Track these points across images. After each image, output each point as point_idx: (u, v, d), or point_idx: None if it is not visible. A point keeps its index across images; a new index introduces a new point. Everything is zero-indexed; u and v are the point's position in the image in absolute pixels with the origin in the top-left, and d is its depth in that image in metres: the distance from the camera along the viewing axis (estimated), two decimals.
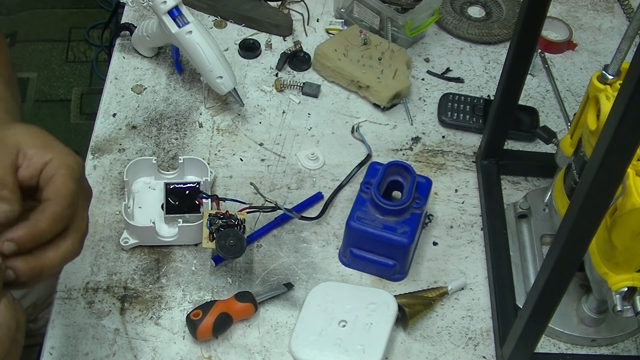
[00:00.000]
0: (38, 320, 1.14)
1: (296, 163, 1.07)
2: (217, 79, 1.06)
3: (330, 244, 0.99)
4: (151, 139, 1.09)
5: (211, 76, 1.06)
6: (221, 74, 1.06)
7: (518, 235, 0.99)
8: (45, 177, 0.61)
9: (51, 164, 0.61)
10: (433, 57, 1.24)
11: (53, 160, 0.61)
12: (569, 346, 0.92)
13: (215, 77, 1.06)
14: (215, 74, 1.06)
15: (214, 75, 1.06)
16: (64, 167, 0.61)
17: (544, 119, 1.16)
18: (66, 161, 0.62)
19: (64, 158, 0.62)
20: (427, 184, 0.97)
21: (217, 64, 1.05)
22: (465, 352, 0.90)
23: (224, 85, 1.07)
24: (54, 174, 0.61)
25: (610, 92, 0.80)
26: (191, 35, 1.04)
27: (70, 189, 0.61)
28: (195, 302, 0.92)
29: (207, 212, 0.92)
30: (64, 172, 0.61)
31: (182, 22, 1.05)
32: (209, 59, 1.05)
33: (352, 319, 0.89)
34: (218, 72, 1.06)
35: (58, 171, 0.61)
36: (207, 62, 1.05)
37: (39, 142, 0.62)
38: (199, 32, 1.04)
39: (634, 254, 0.77)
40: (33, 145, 0.62)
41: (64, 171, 0.61)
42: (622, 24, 1.34)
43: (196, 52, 1.05)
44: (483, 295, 0.95)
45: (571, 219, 0.66)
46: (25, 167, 0.61)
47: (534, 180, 1.08)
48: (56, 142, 0.63)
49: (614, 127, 0.57)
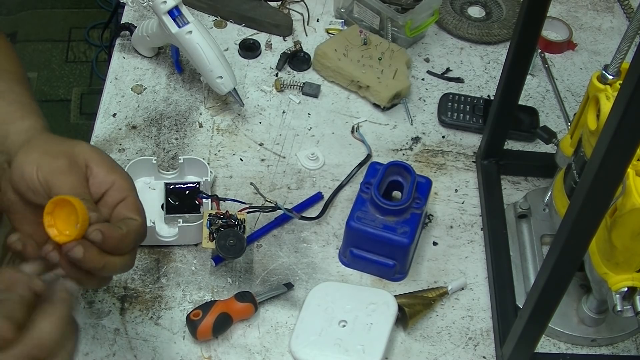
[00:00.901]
0: None
1: (296, 163, 1.07)
2: (217, 79, 1.06)
3: (330, 244, 0.99)
4: (151, 139, 1.09)
5: (211, 76, 1.06)
6: (221, 74, 1.06)
7: (518, 235, 0.99)
8: (115, 196, 0.70)
9: (117, 184, 0.70)
10: (433, 57, 1.24)
11: (117, 182, 0.70)
12: (569, 346, 0.92)
13: (215, 77, 1.06)
14: (215, 74, 1.06)
15: (214, 75, 1.06)
16: (132, 189, 0.71)
17: (544, 119, 1.16)
18: (129, 184, 0.71)
19: (125, 181, 0.71)
20: (427, 184, 0.97)
21: (217, 64, 1.05)
22: (465, 352, 0.90)
23: (224, 85, 1.07)
24: (126, 197, 0.70)
25: (610, 92, 0.80)
26: (191, 35, 1.04)
27: (143, 209, 0.70)
28: (195, 302, 0.92)
29: (207, 212, 0.92)
30: (134, 194, 0.71)
31: (182, 22, 1.05)
32: (209, 59, 1.05)
33: (352, 319, 0.89)
34: (218, 72, 1.06)
35: (129, 193, 0.70)
36: (207, 62, 1.05)
37: (104, 162, 0.71)
38: (199, 32, 1.04)
39: (634, 254, 0.77)
40: (99, 165, 0.70)
41: (134, 193, 0.71)
42: (622, 24, 1.34)
43: (196, 52, 1.05)
44: (483, 295, 0.95)
45: (571, 219, 0.66)
46: (91, 183, 0.69)
47: (534, 180, 1.08)
48: (117, 164, 0.72)
49: (614, 127, 0.57)
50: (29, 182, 0.68)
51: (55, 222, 0.65)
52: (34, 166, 0.68)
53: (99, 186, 0.69)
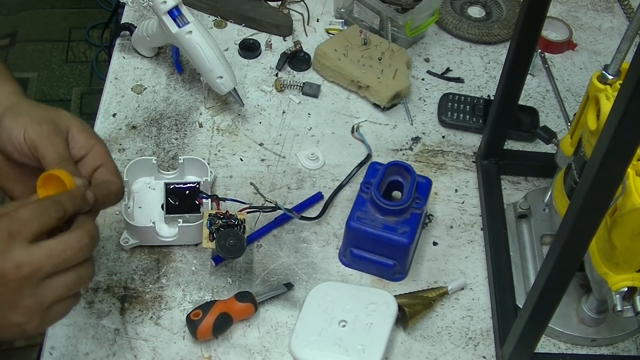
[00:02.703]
0: None
1: (296, 163, 1.07)
2: (217, 79, 1.06)
3: (330, 244, 0.99)
4: (151, 139, 1.09)
5: (211, 76, 1.06)
6: (221, 74, 1.06)
7: (518, 235, 0.99)
8: (94, 160, 0.77)
9: (96, 149, 0.77)
10: (433, 57, 1.24)
11: (95, 146, 0.77)
12: (569, 346, 0.92)
13: (215, 77, 1.06)
14: (215, 74, 1.06)
15: (214, 75, 1.06)
16: (109, 155, 0.78)
17: (544, 119, 1.16)
18: (106, 150, 0.78)
19: (103, 147, 0.78)
20: (427, 184, 0.97)
21: (217, 64, 1.05)
22: (465, 352, 0.90)
23: (224, 85, 1.07)
24: (104, 162, 0.77)
25: (610, 92, 0.80)
26: (191, 35, 1.04)
27: (118, 173, 0.78)
28: (195, 302, 0.92)
29: (207, 212, 0.92)
30: (111, 160, 0.78)
31: (182, 22, 1.05)
32: (209, 59, 1.05)
33: (352, 319, 0.89)
34: (218, 72, 1.06)
35: (108, 158, 0.77)
36: (207, 62, 1.05)
37: (85, 129, 0.78)
38: (199, 32, 1.04)
39: (634, 254, 0.77)
40: (80, 131, 0.77)
41: (111, 158, 0.78)
42: (622, 24, 1.34)
43: (196, 52, 1.05)
44: (483, 295, 0.95)
45: (571, 219, 0.66)
46: (72, 147, 0.76)
47: (534, 180, 1.08)
48: (95, 132, 0.79)
49: (614, 127, 0.57)
50: (17, 144, 0.75)
51: (48, 194, 0.72)
52: (21, 129, 0.75)
53: (79, 150, 0.76)
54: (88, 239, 0.67)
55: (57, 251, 0.65)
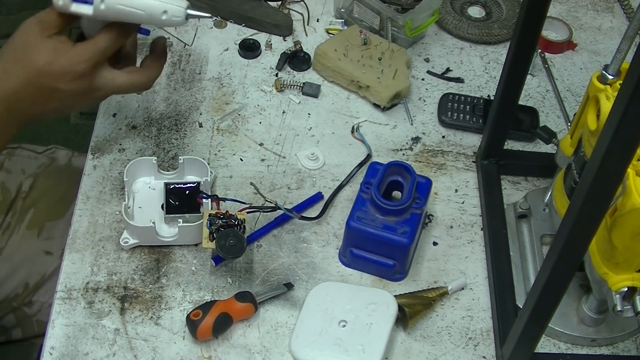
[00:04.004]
0: (33, 304, 1.13)
1: (296, 163, 1.07)
2: (163, 15, 0.83)
3: (330, 244, 0.99)
4: (151, 139, 1.09)
5: (157, 19, 0.84)
6: (164, 8, 0.83)
7: (518, 235, 0.99)
8: None
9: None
10: (433, 57, 1.24)
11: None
12: (569, 346, 0.92)
13: (161, 16, 0.83)
14: (157, 15, 0.83)
15: (159, 17, 0.83)
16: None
17: (544, 119, 1.16)
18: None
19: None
20: (427, 184, 0.97)
21: (150, 4, 0.83)
22: (465, 352, 0.90)
23: (174, 15, 0.84)
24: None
25: (610, 92, 0.80)
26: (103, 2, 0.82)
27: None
28: (195, 302, 0.92)
29: (207, 212, 0.92)
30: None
31: None
32: (139, 7, 0.83)
33: (352, 319, 0.89)
34: (158, 10, 0.83)
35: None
36: (141, 12, 0.83)
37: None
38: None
39: (634, 254, 0.77)
40: None
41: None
42: (622, 24, 1.34)
43: (125, 12, 0.83)
44: (483, 295, 0.95)
45: (571, 219, 0.66)
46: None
47: (534, 180, 1.08)
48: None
49: (614, 127, 0.57)
50: None
51: None
52: None
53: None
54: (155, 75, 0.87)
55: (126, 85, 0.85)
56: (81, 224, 0.98)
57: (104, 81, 0.84)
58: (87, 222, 0.98)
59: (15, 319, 1.15)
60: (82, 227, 0.98)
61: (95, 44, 0.82)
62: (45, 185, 1.17)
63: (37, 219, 1.14)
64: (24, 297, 1.13)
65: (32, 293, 1.13)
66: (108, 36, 0.83)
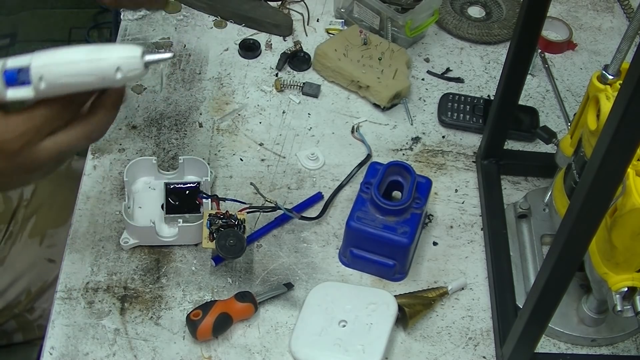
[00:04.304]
0: (35, 310, 1.14)
1: (296, 163, 1.07)
2: (118, 74, 0.67)
3: (330, 244, 0.99)
4: (151, 139, 1.09)
5: (111, 80, 0.68)
6: (115, 65, 0.67)
7: (518, 235, 0.99)
8: None
9: None
10: (433, 57, 1.24)
11: None
12: (569, 346, 0.92)
13: (115, 76, 0.67)
14: (111, 76, 0.67)
15: (112, 78, 0.68)
16: None
17: (544, 119, 1.16)
18: None
19: None
20: (427, 184, 0.97)
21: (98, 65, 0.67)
22: (465, 352, 0.90)
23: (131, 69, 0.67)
24: None
25: (610, 92, 0.80)
26: (41, 79, 0.66)
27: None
28: (195, 302, 0.92)
29: (207, 212, 0.92)
30: None
31: (25, 78, 0.67)
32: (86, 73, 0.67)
33: (352, 319, 0.89)
34: (109, 70, 0.67)
35: None
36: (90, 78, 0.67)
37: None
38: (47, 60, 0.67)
39: (634, 254, 0.77)
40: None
41: None
42: (622, 24, 1.34)
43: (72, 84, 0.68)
44: (483, 295, 0.95)
45: (571, 219, 0.66)
46: None
47: (534, 180, 1.08)
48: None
49: (614, 127, 0.57)
50: None
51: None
52: None
53: None
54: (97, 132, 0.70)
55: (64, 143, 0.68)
56: (81, 224, 0.98)
57: (43, 156, 0.67)
58: (87, 222, 0.98)
59: (16, 324, 1.15)
60: (82, 227, 0.98)
61: (31, 119, 0.66)
62: (46, 192, 1.17)
63: (39, 227, 1.14)
64: (25, 303, 1.13)
65: (34, 300, 1.13)
66: (48, 110, 0.66)
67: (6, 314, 1.13)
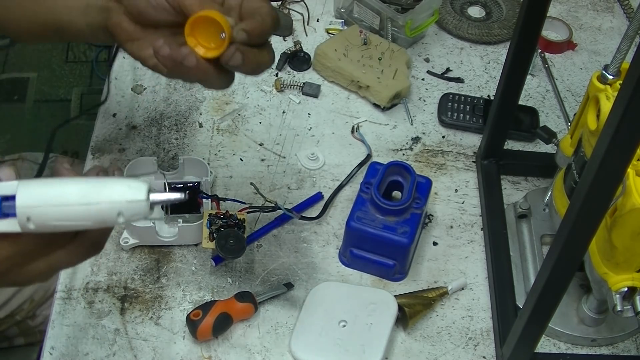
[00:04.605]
0: (37, 317, 1.14)
1: (296, 163, 1.07)
2: (119, 218, 0.59)
3: (330, 244, 0.99)
4: (151, 139, 1.09)
5: (112, 224, 0.60)
6: (117, 210, 0.58)
7: (518, 235, 0.99)
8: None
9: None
10: (433, 57, 1.24)
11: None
12: (569, 346, 0.92)
13: (117, 219, 0.59)
14: (111, 221, 0.59)
15: (113, 222, 0.59)
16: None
17: (544, 119, 1.16)
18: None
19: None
20: (427, 184, 0.97)
21: (97, 210, 0.58)
22: (465, 352, 0.90)
23: (135, 212, 0.59)
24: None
25: (610, 92, 0.80)
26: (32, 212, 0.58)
27: None
28: (195, 302, 0.92)
29: (207, 212, 0.92)
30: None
31: (9, 211, 0.58)
32: (82, 218, 0.59)
33: (352, 319, 0.89)
34: (110, 216, 0.59)
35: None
36: (86, 223, 0.59)
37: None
38: (36, 200, 0.58)
39: (634, 254, 0.77)
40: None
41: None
42: (622, 24, 1.34)
43: (65, 227, 0.60)
44: (483, 295, 0.95)
45: (571, 219, 0.66)
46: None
47: (534, 180, 1.08)
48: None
49: (614, 127, 0.57)
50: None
51: (198, 41, 0.69)
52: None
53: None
54: None
55: None
56: None
57: (33, 274, 0.62)
58: None
59: (18, 330, 1.15)
60: None
61: (18, 245, 0.60)
62: None
63: None
64: (28, 310, 1.13)
65: (37, 307, 1.13)
66: (37, 238, 0.60)
67: (8, 321, 1.13)
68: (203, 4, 0.69)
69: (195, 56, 0.69)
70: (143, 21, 0.74)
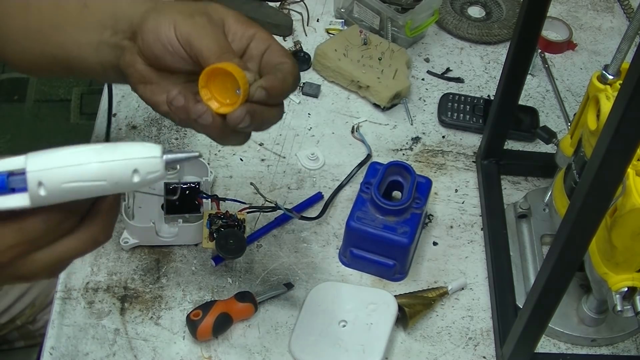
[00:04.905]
0: (37, 321, 1.14)
1: (296, 163, 1.07)
2: (135, 177, 0.58)
3: (330, 244, 0.99)
4: (151, 139, 1.09)
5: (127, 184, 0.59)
6: (133, 167, 0.58)
7: (518, 235, 0.99)
8: (259, 47, 0.69)
9: (258, 35, 0.70)
10: (433, 57, 1.24)
11: (257, 33, 0.70)
12: (569, 346, 0.92)
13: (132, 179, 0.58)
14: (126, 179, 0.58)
15: (129, 181, 0.58)
16: (272, 37, 0.70)
17: (544, 119, 1.16)
18: (269, 34, 0.70)
19: (265, 32, 0.70)
20: (427, 184, 0.97)
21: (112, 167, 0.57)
22: (465, 352, 0.90)
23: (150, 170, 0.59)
24: (270, 44, 0.69)
25: (610, 92, 0.80)
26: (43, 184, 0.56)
27: (289, 52, 0.71)
28: (195, 302, 0.92)
29: (207, 212, 0.92)
30: (276, 41, 0.70)
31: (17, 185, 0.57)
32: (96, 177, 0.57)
33: (352, 319, 0.89)
34: (125, 172, 0.58)
35: (271, 40, 0.70)
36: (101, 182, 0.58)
37: (240, 18, 0.70)
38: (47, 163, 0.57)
39: (634, 254, 0.77)
40: (236, 21, 0.70)
41: (275, 40, 0.70)
42: (622, 24, 1.34)
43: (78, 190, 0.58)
44: (483, 295, 0.95)
45: (571, 219, 0.66)
46: (231, 40, 0.69)
47: (534, 180, 1.08)
48: (251, 20, 0.71)
49: (614, 127, 0.57)
50: (167, 42, 0.67)
51: (212, 94, 0.65)
52: (170, 26, 0.66)
53: (240, 41, 0.69)
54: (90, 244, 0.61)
55: None
56: None
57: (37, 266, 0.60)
58: None
59: (18, 334, 1.15)
60: None
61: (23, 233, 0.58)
62: None
63: None
64: (28, 315, 1.13)
65: (37, 312, 1.13)
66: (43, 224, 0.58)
67: (9, 326, 1.13)
68: (222, 55, 0.65)
69: (211, 114, 0.64)
70: (158, 65, 0.70)
